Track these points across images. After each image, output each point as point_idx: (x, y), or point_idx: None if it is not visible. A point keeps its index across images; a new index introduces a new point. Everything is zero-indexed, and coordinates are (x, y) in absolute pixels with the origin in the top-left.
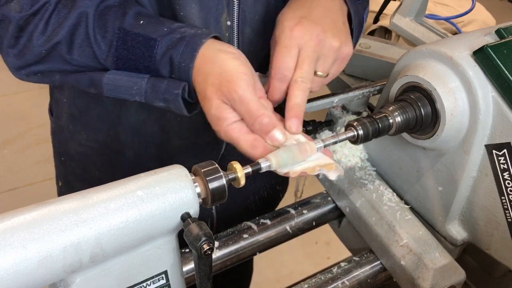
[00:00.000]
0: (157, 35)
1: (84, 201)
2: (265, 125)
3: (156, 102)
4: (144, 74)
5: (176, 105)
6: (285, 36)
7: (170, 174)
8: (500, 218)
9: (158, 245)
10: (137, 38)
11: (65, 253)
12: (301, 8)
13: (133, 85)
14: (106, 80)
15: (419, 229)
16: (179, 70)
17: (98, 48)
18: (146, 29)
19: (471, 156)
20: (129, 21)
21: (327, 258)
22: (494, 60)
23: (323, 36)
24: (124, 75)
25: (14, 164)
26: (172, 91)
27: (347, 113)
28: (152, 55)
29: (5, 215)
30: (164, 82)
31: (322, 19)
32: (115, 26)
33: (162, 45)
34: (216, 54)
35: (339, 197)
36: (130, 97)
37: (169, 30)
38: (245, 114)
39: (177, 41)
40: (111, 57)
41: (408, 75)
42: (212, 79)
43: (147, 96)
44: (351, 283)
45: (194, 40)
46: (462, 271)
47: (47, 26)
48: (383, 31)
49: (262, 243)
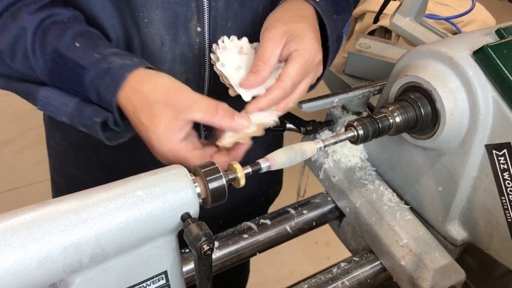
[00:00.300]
0: (86, 62)
1: (84, 201)
2: (227, 109)
3: (79, 126)
4: (73, 96)
5: (95, 132)
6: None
7: (170, 174)
8: (500, 218)
9: (158, 245)
10: (67, 63)
11: (65, 253)
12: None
13: (61, 105)
14: (40, 95)
15: (419, 229)
16: (105, 101)
17: (36, 63)
18: (78, 53)
19: (471, 156)
20: (66, 42)
21: (327, 258)
22: (494, 60)
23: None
24: (56, 94)
25: (14, 164)
26: (93, 118)
27: (347, 113)
28: (81, 81)
29: (5, 215)
30: (90, 108)
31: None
32: (53, 45)
33: (90, 74)
34: (154, 75)
35: (339, 197)
36: (58, 116)
37: (99, 58)
38: (205, 110)
39: (104, 73)
40: (46, 74)
41: (408, 75)
42: (156, 96)
43: (72, 118)
44: (351, 283)
45: (119, 73)
46: (462, 271)
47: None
48: (383, 31)
49: (262, 243)
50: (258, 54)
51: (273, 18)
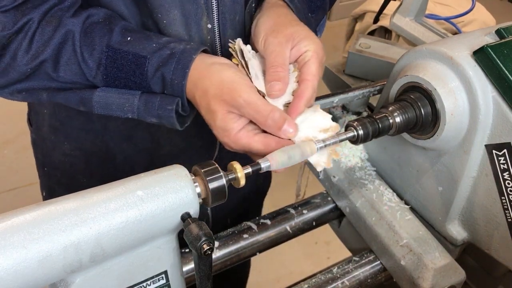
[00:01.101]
0: (146, 52)
1: (84, 201)
2: (277, 119)
3: (148, 118)
4: (135, 90)
5: (170, 120)
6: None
7: (170, 174)
8: (500, 218)
9: (158, 245)
10: (126, 56)
11: (65, 253)
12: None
13: (125, 102)
14: (96, 98)
15: (419, 229)
16: (172, 87)
17: (85, 66)
18: (135, 46)
19: (471, 156)
20: (117, 38)
21: (327, 258)
22: (494, 60)
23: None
24: (114, 92)
25: (14, 164)
26: (165, 106)
27: (347, 113)
28: (143, 72)
29: (5, 215)
30: (157, 98)
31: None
32: (103, 43)
33: (152, 63)
34: (210, 68)
35: (339, 197)
36: (122, 114)
37: (158, 46)
38: (256, 115)
39: (168, 58)
40: (100, 75)
41: (408, 75)
42: (213, 91)
43: (139, 113)
44: (351, 283)
45: (184, 56)
46: (462, 271)
47: (31, 44)
48: (383, 31)
49: (262, 243)
50: (272, 60)
51: (268, 24)
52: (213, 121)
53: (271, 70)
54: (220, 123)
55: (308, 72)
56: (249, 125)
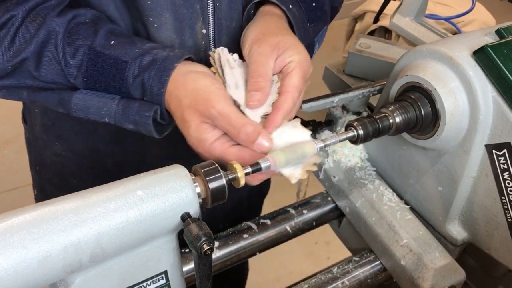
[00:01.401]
0: (128, 57)
1: (84, 201)
2: (250, 133)
3: (126, 124)
4: (114, 95)
5: (147, 127)
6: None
7: (170, 174)
8: (500, 218)
9: (158, 245)
10: (107, 60)
11: (65, 253)
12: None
13: (103, 106)
14: (75, 100)
15: (419, 229)
16: (151, 94)
17: (67, 67)
18: (117, 50)
19: (471, 156)
20: (100, 41)
21: (327, 258)
22: (494, 60)
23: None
24: (94, 95)
25: (14, 164)
26: (143, 113)
27: (347, 113)
28: (123, 77)
29: (5, 215)
30: (136, 104)
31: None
32: (86, 45)
33: (133, 68)
34: (186, 76)
35: (339, 197)
36: (100, 118)
37: (141, 52)
38: (228, 127)
39: (149, 65)
40: (80, 77)
41: (408, 75)
42: (187, 101)
43: (117, 118)
44: (351, 283)
45: (166, 63)
46: (462, 271)
47: (14, 41)
48: (383, 31)
49: (262, 243)
50: (254, 69)
51: (255, 32)
52: (187, 131)
53: (252, 80)
54: (194, 134)
55: (289, 84)
56: (224, 136)
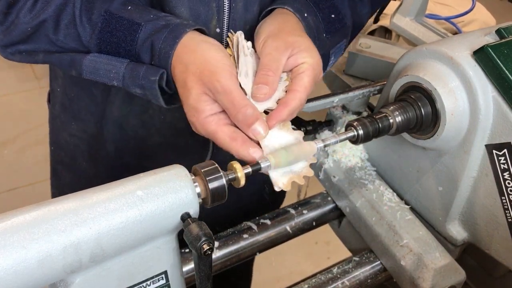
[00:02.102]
0: (142, 20)
1: (84, 201)
2: (249, 116)
3: (133, 88)
4: (123, 58)
5: (153, 92)
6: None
7: (170, 174)
8: (500, 218)
9: (158, 245)
10: (121, 21)
11: (65, 253)
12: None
13: (112, 69)
14: (86, 62)
15: (419, 229)
16: (159, 56)
17: (83, 29)
18: (132, 14)
19: (471, 156)
20: (117, 5)
21: (327, 258)
22: (494, 60)
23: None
24: (104, 58)
25: (14, 164)
26: (149, 77)
27: (347, 113)
28: (134, 39)
29: (5, 215)
30: (143, 67)
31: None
32: (102, 9)
33: (145, 30)
34: (198, 44)
35: (339, 197)
36: (108, 81)
37: (155, 17)
38: (229, 104)
39: (161, 28)
40: (94, 39)
41: (409, 75)
42: (193, 68)
43: (124, 81)
44: (351, 283)
45: (177, 28)
46: (462, 271)
47: (36, 4)
48: (383, 31)
49: (262, 243)
50: (265, 62)
51: (273, 27)
52: (186, 97)
53: (261, 72)
54: (193, 102)
55: (299, 84)
56: (222, 113)
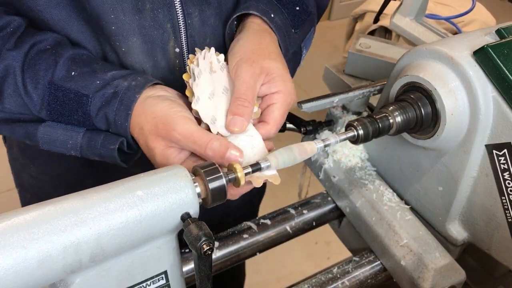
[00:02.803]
0: (89, 90)
1: (84, 201)
2: (217, 148)
3: (91, 157)
4: (79, 127)
5: (112, 159)
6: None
7: (170, 174)
8: (500, 218)
9: (158, 245)
10: (68, 94)
11: (65, 253)
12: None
13: (68, 139)
14: (40, 134)
15: (419, 229)
16: (116, 126)
17: (30, 100)
18: (78, 83)
19: (471, 156)
20: (60, 73)
21: (327, 258)
22: (494, 60)
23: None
24: (59, 128)
25: None
26: (108, 146)
27: (347, 113)
28: (85, 111)
29: (5, 215)
30: (101, 136)
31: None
32: (46, 78)
33: (95, 102)
34: (145, 103)
35: (339, 197)
36: (66, 151)
37: (102, 83)
38: (194, 146)
39: (110, 98)
40: (44, 110)
41: (409, 75)
42: (148, 127)
43: (82, 151)
44: (351, 283)
45: (127, 96)
46: (462, 271)
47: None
48: (383, 31)
49: (262, 243)
50: (242, 92)
51: (247, 49)
52: (153, 158)
53: (238, 102)
54: (160, 160)
55: (270, 117)
56: (192, 156)
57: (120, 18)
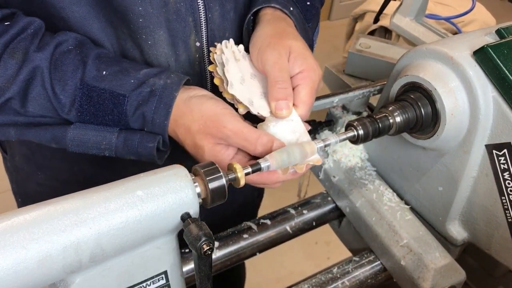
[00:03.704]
0: (124, 90)
1: (84, 201)
2: (265, 143)
3: (127, 156)
4: (112, 127)
5: (150, 157)
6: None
7: (170, 174)
8: (500, 218)
9: (158, 245)
10: (103, 94)
11: (65, 253)
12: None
13: (102, 140)
14: (70, 136)
15: (419, 229)
16: (153, 125)
17: (57, 102)
18: (112, 82)
19: (471, 156)
20: (91, 73)
21: (327, 258)
22: (494, 60)
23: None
24: (90, 129)
25: None
26: (146, 144)
27: (347, 113)
28: (121, 111)
29: (5, 215)
30: (137, 136)
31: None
32: (76, 79)
33: (132, 101)
34: (189, 103)
35: (339, 197)
36: (99, 152)
37: (137, 82)
38: (243, 143)
39: (148, 96)
40: (74, 111)
41: (409, 75)
42: (196, 126)
43: (117, 151)
44: (351, 283)
45: (165, 94)
46: (462, 271)
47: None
48: (383, 31)
49: (262, 243)
50: (276, 74)
51: (268, 35)
52: (201, 156)
53: (276, 86)
54: (209, 157)
55: (297, 99)
56: (239, 152)
57: (148, 10)
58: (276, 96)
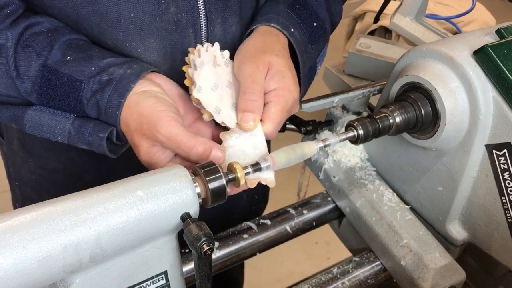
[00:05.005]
0: (83, 75)
1: (84, 201)
2: (201, 153)
3: (79, 144)
4: (69, 113)
5: (100, 148)
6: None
7: (170, 174)
8: (500, 218)
9: (158, 245)
10: (61, 78)
11: (65, 253)
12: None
13: (56, 124)
14: (28, 117)
15: (419, 229)
16: (106, 114)
17: (20, 82)
18: (72, 68)
19: (471, 156)
20: (55, 57)
21: (327, 258)
22: (494, 60)
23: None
24: (47, 112)
25: None
26: (97, 134)
27: (347, 113)
28: (77, 97)
29: (5, 215)
30: (90, 124)
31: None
32: (40, 60)
33: (88, 88)
34: (130, 99)
35: (339, 197)
36: (53, 137)
37: (97, 70)
38: (178, 150)
39: (104, 85)
40: (35, 93)
41: (409, 75)
42: (134, 125)
43: (70, 138)
44: (351, 283)
45: (121, 84)
46: (462, 271)
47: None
48: (383, 31)
49: (262, 243)
50: (248, 85)
51: (250, 47)
52: (138, 154)
53: (245, 97)
54: (145, 158)
55: (265, 116)
56: (177, 156)
57: (140, 17)
58: (244, 107)
